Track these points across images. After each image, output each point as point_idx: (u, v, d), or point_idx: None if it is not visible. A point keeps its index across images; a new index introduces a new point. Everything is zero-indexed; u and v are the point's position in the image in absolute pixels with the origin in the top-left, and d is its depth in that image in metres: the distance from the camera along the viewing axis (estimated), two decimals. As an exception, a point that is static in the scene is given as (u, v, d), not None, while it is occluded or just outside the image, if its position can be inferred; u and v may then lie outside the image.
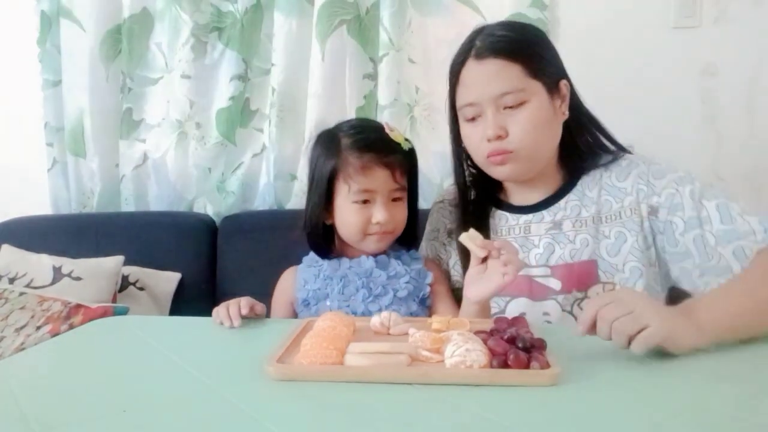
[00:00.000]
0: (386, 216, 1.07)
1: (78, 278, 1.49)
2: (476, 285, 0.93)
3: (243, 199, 1.79)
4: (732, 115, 1.65)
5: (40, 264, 1.53)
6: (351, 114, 1.70)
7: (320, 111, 1.68)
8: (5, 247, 1.60)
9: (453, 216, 1.16)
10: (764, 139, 1.66)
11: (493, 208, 1.13)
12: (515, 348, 0.68)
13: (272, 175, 1.74)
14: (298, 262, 1.18)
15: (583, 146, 1.07)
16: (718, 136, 1.66)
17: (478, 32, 1.03)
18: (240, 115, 1.76)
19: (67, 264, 1.52)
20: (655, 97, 1.65)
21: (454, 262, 1.15)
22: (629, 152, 1.08)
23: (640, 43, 1.65)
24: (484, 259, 0.92)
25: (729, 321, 0.78)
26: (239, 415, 0.59)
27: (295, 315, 1.15)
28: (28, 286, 1.47)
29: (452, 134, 1.11)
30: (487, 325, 0.80)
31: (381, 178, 1.07)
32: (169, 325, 1.07)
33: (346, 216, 1.09)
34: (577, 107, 1.06)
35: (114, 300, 1.51)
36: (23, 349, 1.21)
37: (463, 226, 1.03)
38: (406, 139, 1.13)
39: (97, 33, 1.79)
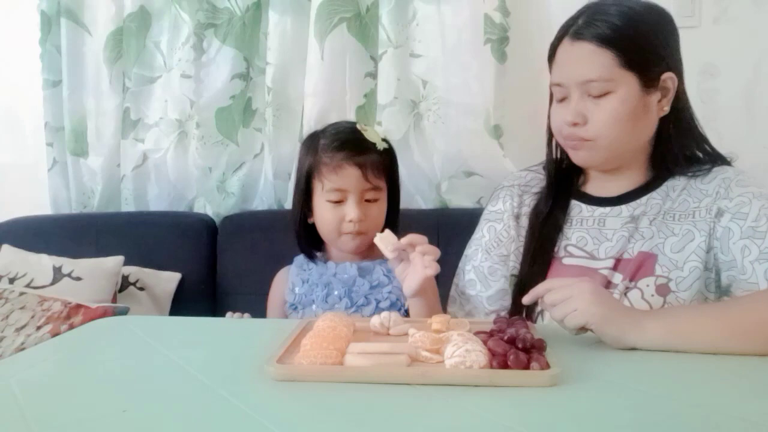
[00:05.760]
0: (358, 214, 1.08)
1: (78, 278, 1.49)
2: (406, 281, 0.99)
3: (243, 199, 1.79)
4: (732, 115, 1.65)
5: (40, 264, 1.52)
6: (351, 113, 1.69)
7: (319, 110, 1.67)
8: (5, 247, 1.60)
9: (520, 200, 1.12)
10: (764, 139, 1.65)
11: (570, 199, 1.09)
12: (515, 348, 0.68)
13: (271, 174, 1.74)
14: (297, 262, 1.19)
15: (676, 150, 1.02)
16: (718, 136, 1.65)
17: (588, 7, 0.99)
18: (242, 114, 1.76)
19: (67, 264, 1.52)
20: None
21: (515, 247, 1.10)
22: (728, 164, 1.04)
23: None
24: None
25: (686, 332, 0.77)
26: (239, 415, 0.59)
27: (286, 317, 1.15)
28: (28, 286, 1.47)
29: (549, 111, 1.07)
30: (487, 325, 0.80)
31: (352, 177, 1.08)
32: (169, 325, 1.07)
33: (322, 213, 1.11)
34: (682, 109, 1.02)
35: (114, 300, 1.51)
36: (23, 349, 1.21)
37: (544, 203, 1.06)
38: (384, 139, 1.14)
39: (102, 35, 1.79)
